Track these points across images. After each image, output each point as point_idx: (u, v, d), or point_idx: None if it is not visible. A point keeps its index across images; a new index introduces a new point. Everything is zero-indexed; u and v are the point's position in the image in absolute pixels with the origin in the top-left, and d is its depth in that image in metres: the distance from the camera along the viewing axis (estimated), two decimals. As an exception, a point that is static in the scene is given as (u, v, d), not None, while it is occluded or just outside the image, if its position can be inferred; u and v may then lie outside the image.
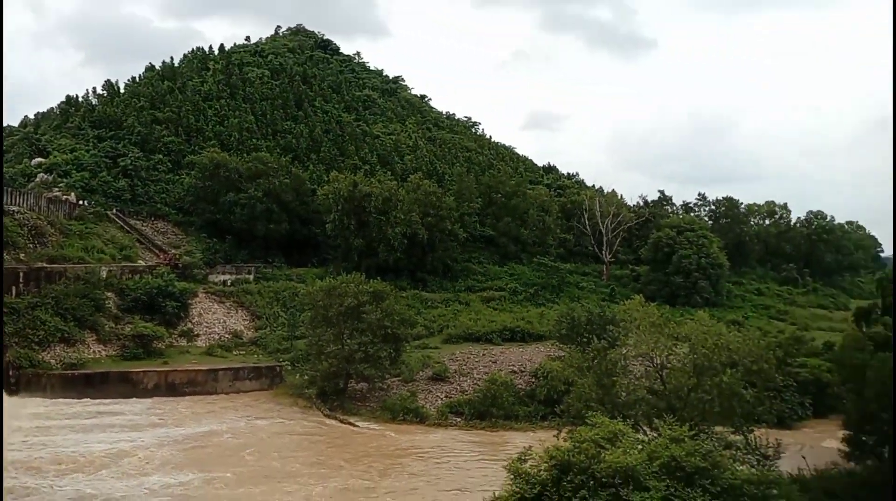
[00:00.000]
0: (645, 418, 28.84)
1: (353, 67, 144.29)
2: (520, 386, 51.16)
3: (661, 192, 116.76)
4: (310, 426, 45.34)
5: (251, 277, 71.60)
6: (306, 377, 52.48)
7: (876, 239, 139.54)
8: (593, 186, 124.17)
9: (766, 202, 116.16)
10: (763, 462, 26.33)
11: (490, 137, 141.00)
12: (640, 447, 17.35)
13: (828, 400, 52.06)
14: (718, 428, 28.52)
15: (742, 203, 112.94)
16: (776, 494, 15.97)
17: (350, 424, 45.97)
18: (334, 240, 78.15)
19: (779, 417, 47.59)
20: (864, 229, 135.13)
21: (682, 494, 15.08)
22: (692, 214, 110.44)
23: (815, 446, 43.99)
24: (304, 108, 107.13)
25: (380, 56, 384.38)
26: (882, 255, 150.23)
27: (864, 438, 35.20)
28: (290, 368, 56.27)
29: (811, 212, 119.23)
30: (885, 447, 34.71)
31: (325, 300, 50.90)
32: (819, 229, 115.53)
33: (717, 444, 21.57)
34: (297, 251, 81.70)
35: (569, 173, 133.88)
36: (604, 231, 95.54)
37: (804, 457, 35.81)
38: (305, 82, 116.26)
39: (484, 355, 58.64)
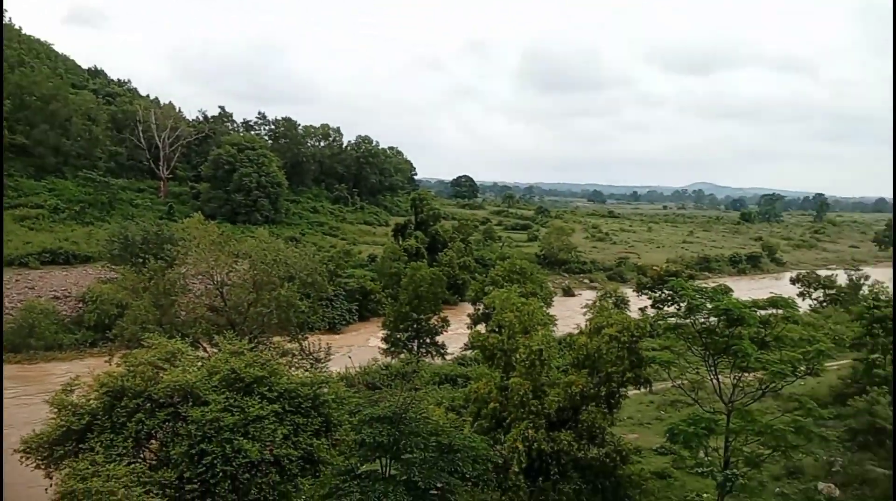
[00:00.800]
0: (206, 335, 28.96)
1: None
2: (64, 313, 47.12)
3: (222, 108, 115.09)
4: None
5: None
6: None
7: (411, 163, 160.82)
8: (148, 96, 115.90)
9: (322, 125, 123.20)
10: (315, 365, 28.73)
11: (21, 28, 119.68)
12: (200, 364, 17.33)
13: (371, 305, 59.41)
14: (276, 338, 30.24)
15: (300, 125, 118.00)
16: (326, 392, 17.46)
17: None
18: None
19: (330, 323, 53.12)
20: (403, 155, 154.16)
21: (241, 403, 15.59)
22: (253, 132, 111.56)
23: (361, 345, 49.78)
24: None
25: None
26: (416, 177, 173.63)
27: (398, 336, 41.30)
28: None
29: (360, 136, 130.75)
30: (414, 341, 41.22)
31: None
32: (366, 153, 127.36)
33: (274, 353, 22.70)
34: None
35: (120, 80, 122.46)
36: (161, 146, 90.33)
37: (350, 357, 40.42)
38: None
39: (18, 281, 52.01)
